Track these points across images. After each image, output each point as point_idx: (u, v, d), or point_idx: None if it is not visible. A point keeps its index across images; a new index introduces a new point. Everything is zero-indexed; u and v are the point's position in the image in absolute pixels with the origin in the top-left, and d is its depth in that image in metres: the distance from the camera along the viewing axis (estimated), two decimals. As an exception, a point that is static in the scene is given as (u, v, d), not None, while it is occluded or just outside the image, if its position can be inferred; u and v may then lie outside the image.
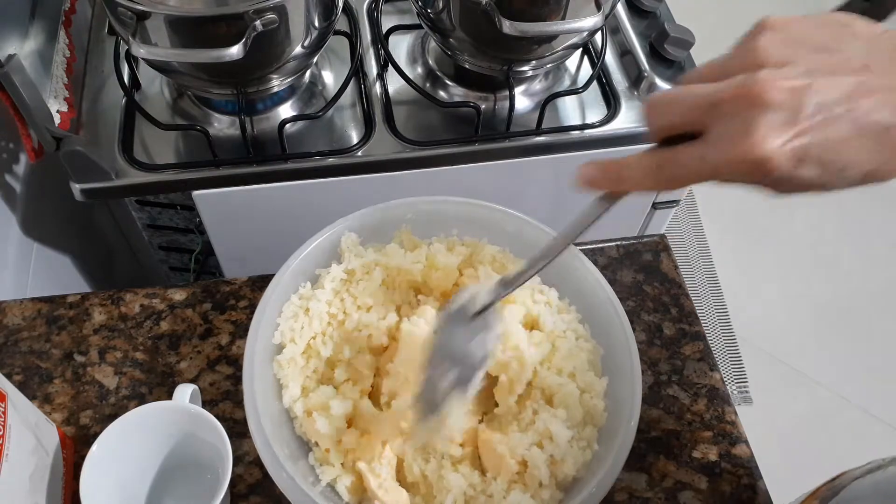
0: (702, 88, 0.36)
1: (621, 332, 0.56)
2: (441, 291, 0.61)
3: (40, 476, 0.53)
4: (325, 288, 0.58)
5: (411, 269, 0.59)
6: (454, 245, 0.62)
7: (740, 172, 0.35)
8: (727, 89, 0.35)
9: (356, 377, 0.56)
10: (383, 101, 0.89)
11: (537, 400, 0.55)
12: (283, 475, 0.49)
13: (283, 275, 0.58)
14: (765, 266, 1.80)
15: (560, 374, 0.56)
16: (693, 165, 0.36)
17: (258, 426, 0.51)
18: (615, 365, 0.56)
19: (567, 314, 0.59)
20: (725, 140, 0.35)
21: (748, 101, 0.34)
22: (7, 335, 0.68)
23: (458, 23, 0.80)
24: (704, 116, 0.36)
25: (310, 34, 0.78)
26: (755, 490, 0.61)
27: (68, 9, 0.90)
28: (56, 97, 0.83)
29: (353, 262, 0.60)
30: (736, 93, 0.34)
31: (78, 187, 0.82)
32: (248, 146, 0.83)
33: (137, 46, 0.71)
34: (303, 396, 0.55)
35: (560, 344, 0.57)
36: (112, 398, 0.65)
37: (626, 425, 0.51)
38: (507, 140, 0.87)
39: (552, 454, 0.52)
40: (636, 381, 0.53)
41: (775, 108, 0.33)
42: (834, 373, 1.63)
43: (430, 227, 0.63)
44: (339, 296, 0.59)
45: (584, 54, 0.97)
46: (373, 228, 0.62)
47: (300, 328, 0.57)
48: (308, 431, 0.54)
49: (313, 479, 0.53)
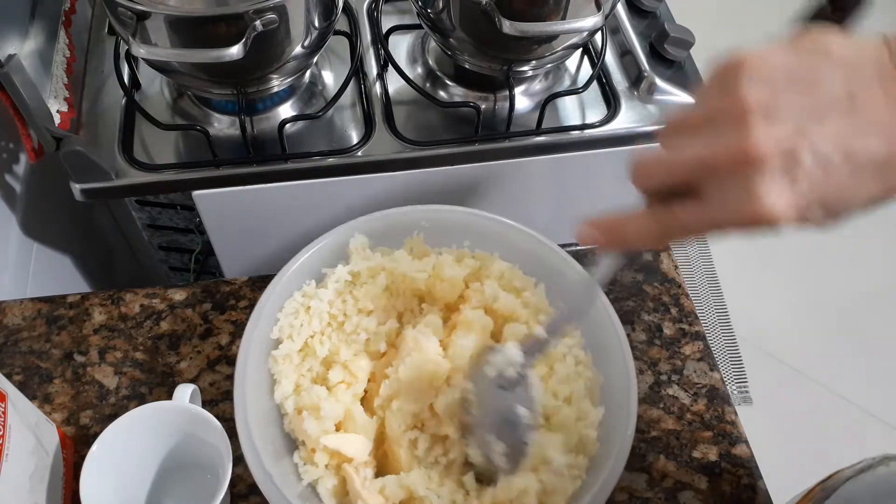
0: (691, 150, 0.36)
1: (622, 362, 0.54)
2: (445, 303, 0.60)
3: (40, 476, 0.53)
4: (329, 288, 0.58)
5: (416, 277, 0.59)
6: (463, 257, 0.62)
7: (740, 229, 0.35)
8: (720, 150, 0.34)
9: (350, 380, 0.56)
10: (383, 101, 0.89)
11: None
12: (262, 472, 0.49)
13: (288, 271, 0.58)
14: (765, 266, 1.80)
15: (556, 397, 0.55)
16: (696, 224, 0.37)
17: (244, 422, 0.51)
18: (612, 396, 0.55)
19: (571, 339, 0.58)
20: (730, 201, 0.34)
21: (744, 163, 0.33)
22: (7, 335, 0.68)
23: (458, 23, 0.80)
24: (698, 177, 0.36)
25: (310, 34, 0.78)
26: (755, 490, 0.61)
27: (68, 9, 0.90)
28: (56, 97, 0.83)
29: (359, 265, 0.60)
30: (730, 155, 0.34)
31: (78, 187, 0.82)
32: (248, 146, 0.83)
33: (137, 46, 0.71)
34: (295, 394, 0.55)
35: (558, 367, 0.56)
36: (112, 398, 0.65)
37: (615, 459, 0.50)
38: (507, 140, 0.87)
39: (543, 481, 0.51)
40: (631, 416, 0.52)
41: (773, 168, 0.33)
42: (834, 373, 1.63)
43: (443, 236, 0.62)
44: (342, 297, 0.59)
45: (584, 54, 0.97)
46: (385, 232, 0.62)
47: (299, 325, 0.57)
48: (296, 430, 0.54)
49: (295, 478, 0.53)
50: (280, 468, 0.51)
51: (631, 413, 0.52)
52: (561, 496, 0.51)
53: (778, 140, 0.33)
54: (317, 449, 0.53)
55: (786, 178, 0.33)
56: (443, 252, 0.62)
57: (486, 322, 0.58)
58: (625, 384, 0.53)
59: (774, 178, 0.33)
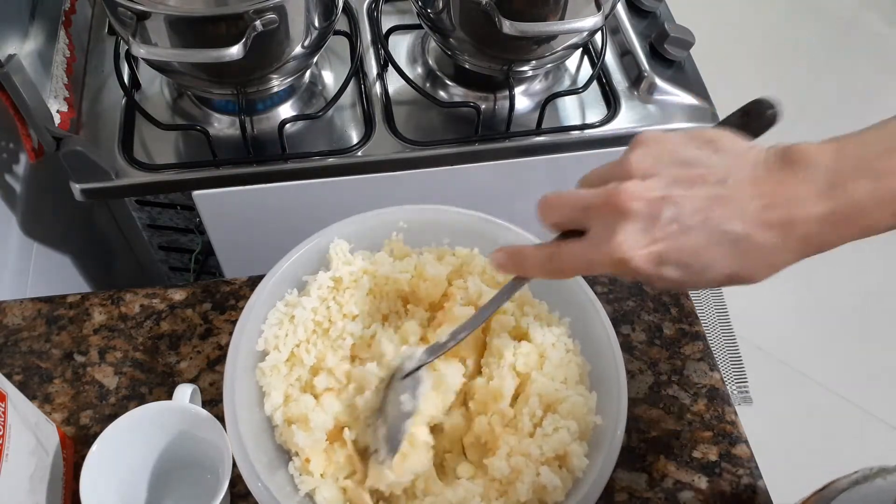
0: (583, 193, 0.42)
1: (609, 350, 0.55)
2: (429, 302, 0.60)
3: (40, 476, 0.53)
4: (312, 295, 0.58)
5: (399, 278, 0.59)
6: (444, 255, 0.62)
7: (610, 269, 0.40)
8: (599, 196, 0.40)
9: (337, 386, 0.56)
10: (383, 101, 0.89)
11: (535, 407, 0.53)
12: (258, 485, 0.49)
13: (269, 281, 0.57)
14: (765, 266, 1.79)
15: (553, 380, 0.55)
16: (573, 261, 0.43)
17: (236, 436, 0.50)
18: (601, 383, 0.55)
19: (557, 327, 0.58)
20: (596, 241, 0.40)
21: (613, 208, 0.39)
22: (7, 335, 0.68)
23: (458, 23, 0.80)
24: (583, 217, 0.42)
25: (310, 34, 0.78)
26: (755, 490, 0.61)
27: (68, 9, 0.90)
28: (56, 97, 0.83)
29: (340, 270, 0.59)
30: (604, 201, 0.40)
31: (78, 187, 0.82)
32: (248, 146, 0.83)
33: (137, 46, 0.71)
34: (284, 405, 0.55)
35: (551, 353, 0.56)
36: (112, 398, 0.65)
37: (611, 439, 0.50)
38: (507, 140, 0.87)
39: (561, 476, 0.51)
40: (622, 400, 0.52)
41: (634, 216, 0.38)
42: (834, 373, 1.63)
43: (422, 235, 0.62)
44: (326, 303, 0.58)
45: (584, 54, 0.97)
46: (364, 235, 0.61)
47: (284, 335, 0.56)
48: (287, 441, 0.54)
49: (291, 489, 0.52)
50: (276, 480, 0.51)
51: (622, 400, 0.52)
52: (560, 492, 0.51)
53: (645, 192, 0.39)
54: (311, 459, 0.53)
55: (643, 228, 0.38)
56: (424, 252, 0.61)
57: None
58: (612, 367, 0.54)
59: (636, 226, 0.38)
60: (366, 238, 0.61)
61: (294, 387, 0.56)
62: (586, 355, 0.57)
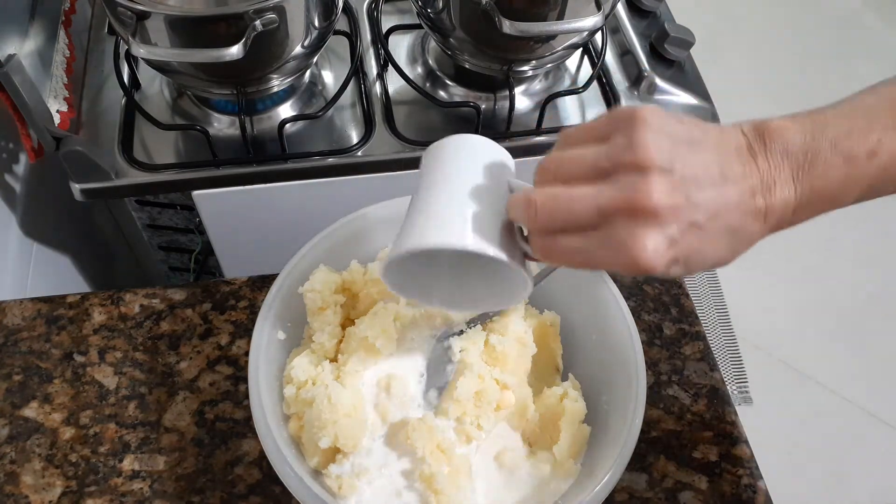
0: (589, 192, 0.38)
1: (630, 348, 0.54)
2: None
3: None
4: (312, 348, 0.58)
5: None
6: None
7: (620, 269, 0.38)
8: (615, 199, 0.37)
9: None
10: (383, 101, 0.89)
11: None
12: (289, 473, 0.48)
13: (264, 329, 0.56)
14: (765, 266, 1.79)
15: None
16: (576, 256, 0.39)
17: (265, 426, 0.50)
18: (619, 378, 0.55)
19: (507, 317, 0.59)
20: (614, 245, 0.37)
21: (638, 212, 0.36)
22: (7, 335, 0.68)
23: (458, 23, 0.80)
24: (596, 221, 0.38)
25: (310, 34, 0.78)
26: (755, 490, 0.61)
27: (68, 9, 0.90)
28: (56, 97, 0.83)
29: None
30: (628, 205, 0.37)
31: (78, 187, 0.82)
32: (248, 146, 0.83)
33: (137, 46, 0.71)
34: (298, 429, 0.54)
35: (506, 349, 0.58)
36: (112, 398, 0.65)
37: (626, 437, 0.51)
38: (508, 140, 0.87)
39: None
40: (640, 397, 0.52)
41: (659, 222, 0.36)
42: (834, 373, 1.63)
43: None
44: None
45: (584, 54, 0.97)
46: (344, 242, 0.60)
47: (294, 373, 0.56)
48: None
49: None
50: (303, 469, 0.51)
51: (639, 396, 0.52)
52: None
53: (670, 203, 0.37)
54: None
55: (668, 234, 0.37)
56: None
57: None
58: (633, 371, 0.54)
59: (661, 233, 0.36)
60: (342, 249, 0.60)
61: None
62: (605, 351, 0.57)
